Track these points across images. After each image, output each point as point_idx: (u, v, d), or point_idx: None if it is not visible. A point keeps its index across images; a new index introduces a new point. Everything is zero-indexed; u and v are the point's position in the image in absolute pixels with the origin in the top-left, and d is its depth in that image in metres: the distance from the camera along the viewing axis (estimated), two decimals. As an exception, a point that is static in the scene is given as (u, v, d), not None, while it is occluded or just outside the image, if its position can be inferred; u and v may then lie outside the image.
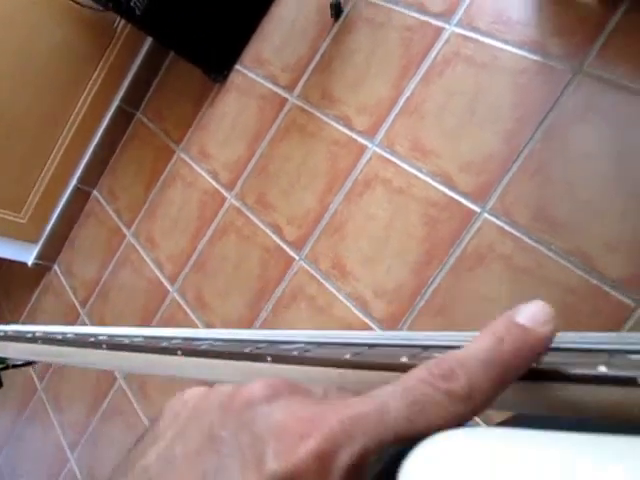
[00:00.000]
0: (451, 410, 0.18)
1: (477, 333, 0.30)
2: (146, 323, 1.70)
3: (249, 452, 0.17)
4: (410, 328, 1.18)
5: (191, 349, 0.32)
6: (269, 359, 0.30)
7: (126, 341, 0.34)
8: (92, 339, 0.35)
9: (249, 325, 1.45)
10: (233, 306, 1.51)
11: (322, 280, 1.34)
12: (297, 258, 1.41)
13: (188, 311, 1.60)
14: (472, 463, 0.16)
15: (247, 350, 0.32)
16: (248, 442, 0.17)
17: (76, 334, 0.38)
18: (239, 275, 1.52)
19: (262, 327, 1.43)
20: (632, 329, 0.93)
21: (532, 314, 0.22)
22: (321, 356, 0.29)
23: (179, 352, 0.32)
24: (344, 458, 0.16)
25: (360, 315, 1.25)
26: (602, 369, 0.20)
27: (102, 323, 1.85)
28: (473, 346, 0.20)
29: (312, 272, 1.37)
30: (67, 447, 1.78)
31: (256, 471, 0.16)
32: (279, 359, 0.30)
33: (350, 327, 1.25)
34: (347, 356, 0.28)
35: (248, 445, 0.17)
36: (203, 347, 0.32)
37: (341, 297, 1.30)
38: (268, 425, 0.18)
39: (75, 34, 1.77)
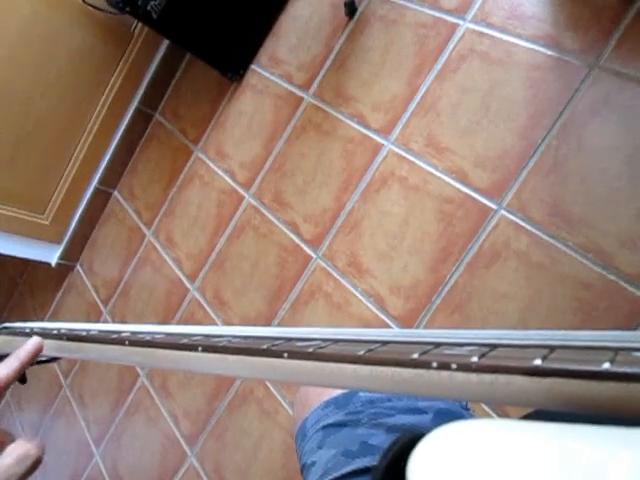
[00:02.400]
0: None
1: (487, 331, 0.31)
2: (167, 321, 1.73)
3: None
4: (427, 325, 1.18)
5: (210, 345, 0.33)
6: (285, 355, 0.31)
7: (148, 337, 0.35)
8: (115, 336, 0.37)
9: (267, 323, 1.47)
10: (251, 304, 1.53)
11: (339, 278, 1.35)
12: (314, 256, 1.42)
13: (207, 309, 1.63)
14: (479, 454, 0.17)
15: (264, 347, 0.32)
16: None
17: (100, 331, 0.40)
18: (257, 273, 1.54)
19: (280, 324, 1.44)
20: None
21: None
22: (336, 352, 0.30)
23: (199, 348, 0.33)
24: None
25: (377, 312, 1.26)
26: (606, 366, 0.21)
27: (124, 321, 1.88)
28: None
29: (329, 270, 1.38)
30: (92, 442, 1.82)
31: None
32: (295, 355, 0.31)
33: (367, 324, 1.26)
34: (361, 352, 0.29)
35: None
36: (222, 344, 0.33)
37: (358, 294, 1.31)
38: None
39: (94, 38, 1.81)
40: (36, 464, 0.39)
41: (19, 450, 0.38)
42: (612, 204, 1.00)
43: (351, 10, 1.50)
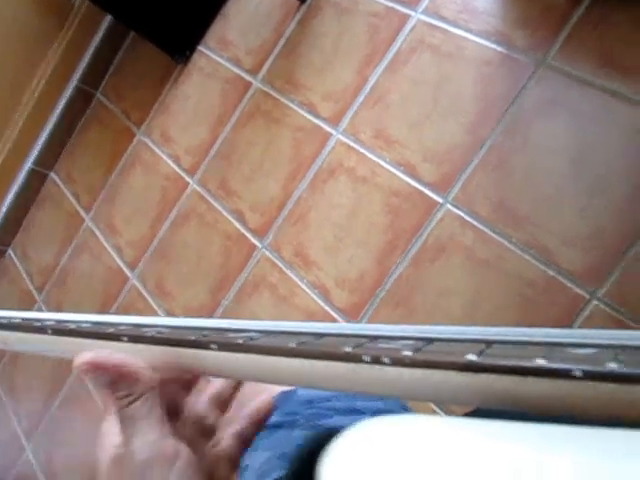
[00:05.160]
0: None
1: (427, 326, 0.30)
2: (105, 310, 1.67)
3: None
4: (371, 318, 1.18)
5: (137, 335, 0.32)
6: (214, 347, 0.30)
7: (72, 326, 0.33)
8: (38, 324, 0.34)
9: (210, 313, 1.44)
10: (194, 294, 1.49)
11: (285, 269, 1.34)
12: (260, 246, 1.40)
13: (148, 299, 1.58)
14: (394, 450, 0.16)
15: (192, 338, 0.31)
16: None
17: (23, 319, 0.37)
18: (201, 262, 1.50)
19: (223, 315, 1.41)
20: (587, 319, 0.95)
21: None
22: (267, 345, 0.29)
23: (124, 338, 0.32)
24: None
25: (322, 304, 1.25)
26: (539, 362, 0.20)
27: (60, 310, 1.80)
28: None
29: (275, 260, 1.36)
30: (23, 436, 1.74)
31: None
32: (224, 347, 0.30)
33: (312, 316, 1.25)
34: (292, 345, 0.28)
35: None
36: (149, 334, 0.32)
37: (303, 286, 1.29)
38: None
39: (30, 10, 1.71)
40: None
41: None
42: (556, 202, 1.03)
43: (303, -5, 1.48)
